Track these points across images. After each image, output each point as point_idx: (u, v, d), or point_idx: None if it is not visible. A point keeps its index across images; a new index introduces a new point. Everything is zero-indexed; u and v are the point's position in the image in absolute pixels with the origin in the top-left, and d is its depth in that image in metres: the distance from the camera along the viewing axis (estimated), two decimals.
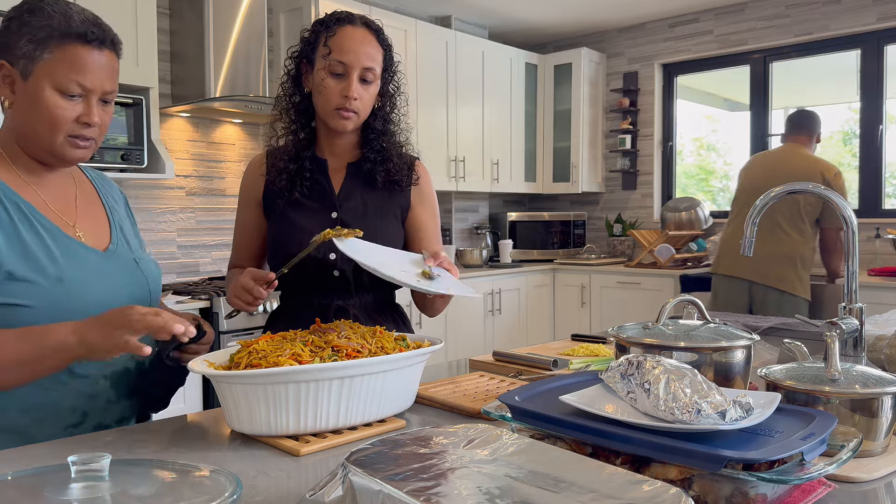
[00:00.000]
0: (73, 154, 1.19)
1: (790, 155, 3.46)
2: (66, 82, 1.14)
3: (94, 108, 1.17)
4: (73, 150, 1.18)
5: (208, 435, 1.09)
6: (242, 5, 3.53)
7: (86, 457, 0.70)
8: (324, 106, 1.50)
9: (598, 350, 1.66)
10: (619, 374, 0.90)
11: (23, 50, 1.13)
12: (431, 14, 4.98)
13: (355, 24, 1.50)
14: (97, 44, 1.17)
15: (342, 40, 1.47)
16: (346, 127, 1.51)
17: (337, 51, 1.47)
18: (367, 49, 1.49)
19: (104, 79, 1.17)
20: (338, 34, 1.48)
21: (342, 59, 1.46)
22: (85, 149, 1.19)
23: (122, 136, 3.05)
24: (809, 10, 4.51)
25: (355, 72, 1.47)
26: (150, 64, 3.15)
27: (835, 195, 1.27)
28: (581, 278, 4.90)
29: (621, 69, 5.40)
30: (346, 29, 1.49)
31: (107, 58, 1.18)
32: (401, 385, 1.13)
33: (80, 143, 1.18)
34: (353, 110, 1.49)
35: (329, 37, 1.48)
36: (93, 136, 1.19)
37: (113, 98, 1.21)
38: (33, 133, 1.16)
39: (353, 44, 1.47)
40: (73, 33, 1.14)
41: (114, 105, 1.24)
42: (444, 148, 4.65)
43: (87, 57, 1.15)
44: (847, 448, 0.81)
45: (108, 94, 1.19)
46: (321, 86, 1.48)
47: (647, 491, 0.63)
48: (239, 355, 1.08)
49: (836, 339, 1.03)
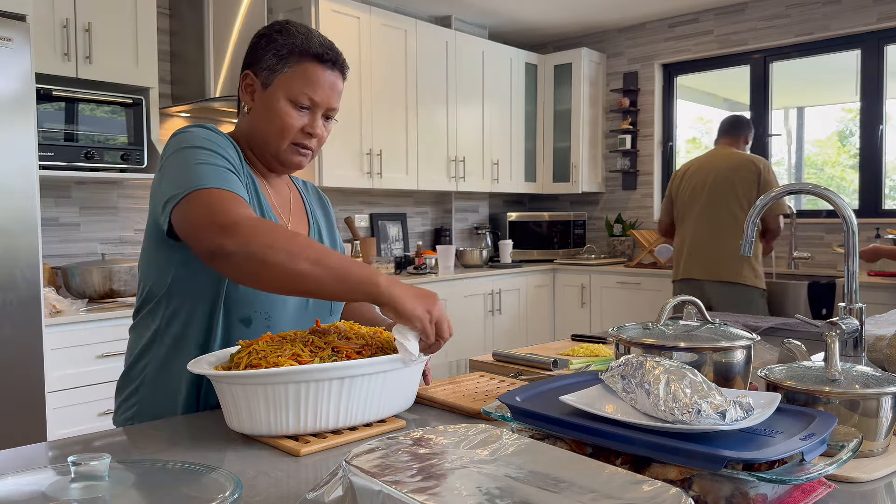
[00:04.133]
0: (294, 160, 1.34)
1: (723, 154, 3.64)
2: (298, 94, 1.29)
3: (318, 121, 1.32)
4: (294, 157, 1.33)
5: (208, 435, 1.09)
6: (242, 5, 3.53)
7: (86, 457, 0.70)
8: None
9: (598, 350, 1.66)
10: (620, 374, 0.90)
11: (267, 63, 1.30)
12: (431, 14, 4.98)
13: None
14: (330, 65, 1.32)
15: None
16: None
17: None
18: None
19: (331, 96, 1.32)
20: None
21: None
22: (304, 156, 1.35)
23: (122, 136, 3.06)
24: (809, 10, 4.51)
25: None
26: (150, 64, 3.16)
27: (832, 194, 1.26)
28: (581, 278, 4.90)
29: (621, 69, 5.40)
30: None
31: (335, 78, 1.33)
32: (401, 385, 1.13)
33: (301, 151, 1.33)
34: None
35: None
36: (312, 146, 1.34)
37: (334, 115, 1.36)
38: (264, 137, 1.32)
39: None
40: (311, 52, 1.30)
41: (332, 122, 1.38)
42: (444, 148, 4.65)
43: (319, 74, 1.31)
44: (847, 448, 0.81)
45: (331, 110, 1.34)
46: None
47: (647, 491, 0.63)
48: (239, 355, 1.08)
49: (836, 339, 1.03)
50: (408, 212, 4.96)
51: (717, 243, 3.51)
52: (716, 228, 3.53)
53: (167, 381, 1.29)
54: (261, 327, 1.29)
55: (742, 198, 3.47)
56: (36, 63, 2.72)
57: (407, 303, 1.10)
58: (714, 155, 3.68)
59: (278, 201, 1.40)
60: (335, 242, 1.53)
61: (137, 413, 1.31)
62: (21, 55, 2.43)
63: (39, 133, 2.76)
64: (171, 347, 1.28)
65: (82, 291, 2.95)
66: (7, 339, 2.41)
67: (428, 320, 1.11)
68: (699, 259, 3.56)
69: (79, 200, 3.30)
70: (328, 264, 1.08)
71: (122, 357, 2.80)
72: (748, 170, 3.48)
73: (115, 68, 3.05)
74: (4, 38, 2.40)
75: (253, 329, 1.28)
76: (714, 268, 3.50)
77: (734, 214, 3.48)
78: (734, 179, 3.49)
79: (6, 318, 2.41)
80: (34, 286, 2.48)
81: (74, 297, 2.95)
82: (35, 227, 2.48)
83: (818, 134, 4.76)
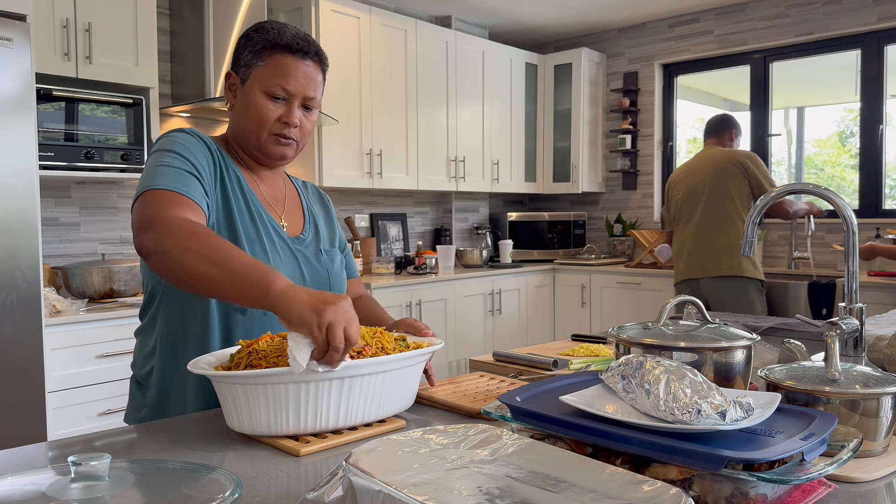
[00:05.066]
0: (276, 150, 1.36)
1: (709, 154, 3.69)
2: (272, 86, 1.32)
3: (295, 110, 1.34)
4: (276, 147, 1.36)
5: (208, 435, 1.09)
6: (242, 5, 3.53)
7: (86, 457, 0.70)
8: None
9: (598, 350, 1.66)
10: (620, 374, 0.90)
11: (244, 60, 1.35)
12: (431, 14, 4.98)
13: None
14: (301, 54, 1.33)
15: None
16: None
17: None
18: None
19: (305, 85, 1.34)
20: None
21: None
22: (286, 146, 1.36)
23: (122, 136, 3.06)
24: (809, 10, 4.51)
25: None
26: (150, 64, 3.16)
27: (832, 194, 1.26)
28: (581, 278, 4.90)
29: (621, 69, 5.40)
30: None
31: (310, 68, 1.35)
32: (401, 385, 1.13)
33: (281, 141, 1.35)
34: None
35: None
36: (294, 136, 1.36)
37: (314, 105, 1.37)
38: (245, 131, 1.36)
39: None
40: (282, 45, 1.32)
41: (317, 113, 1.40)
42: (444, 148, 4.65)
43: (291, 65, 1.33)
44: (847, 448, 0.81)
45: (309, 100, 1.36)
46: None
47: (647, 491, 0.63)
48: (239, 355, 1.08)
49: (836, 339, 1.03)
50: (408, 212, 4.96)
51: (712, 240, 3.55)
52: (710, 227, 3.57)
53: (174, 382, 1.31)
54: (256, 317, 1.31)
55: (733, 193, 3.52)
56: (36, 63, 2.72)
57: (293, 309, 1.01)
58: (701, 156, 3.75)
59: (271, 195, 1.43)
60: (334, 239, 1.53)
61: (147, 416, 1.34)
62: (21, 55, 2.44)
63: (39, 133, 2.76)
64: (174, 346, 1.30)
65: (82, 291, 2.95)
66: (7, 339, 2.41)
67: (315, 325, 0.99)
68: (696, 260, 3.60)
69: (79, 200, 3.30)
70: (227, 266, 1.07)
71: (121, 357, 2.81)
72: (733, 164, 3.55)
73: (115, 68, 3.05)
74: (4, 38, 2.40)
75: (248, 318, 1.31)
76: (711, 264, 3.53)
77: (726, 211, 3.53)
78: (722, 176, 3.56)
79: (6, 318, 2.41)
80: (34, 286, 2.48)
81: (74, 297, 2.95)
82: (35, 227, 2.48)
83: (818, 134, 4.76)
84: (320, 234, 1.49)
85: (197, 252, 1.09)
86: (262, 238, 1.34)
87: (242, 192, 1.36)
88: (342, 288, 1.47)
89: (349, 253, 1.60)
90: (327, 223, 1.54)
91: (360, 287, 1.61)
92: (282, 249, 1.36)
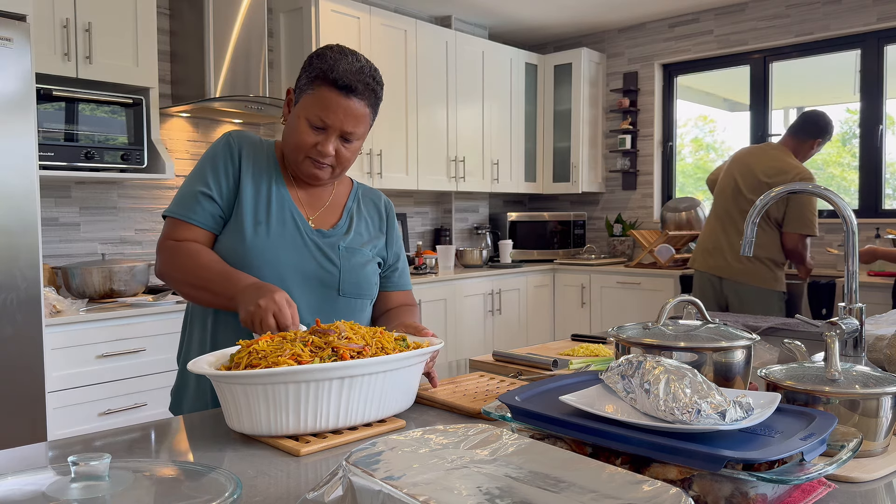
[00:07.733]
0: (311, 172, 1.43)
1: (773, 155, 3.31)
2: (312, 116, 1.38)
3: (330, 142, 1.39)
4: (311, 169, 1.43)
5: (208, 435, 1.09)
6: (242, 5, 3.53)
7: (86, 457, 0.70)
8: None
9: (598, 350, 1.66)
10: (619, 374, 0.90)
11: (301, 83, 1.41)
12: (431, 14, 4.98)
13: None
14: (345, 91, 1.36)
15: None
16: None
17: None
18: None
19: (344, 121, 1.38)
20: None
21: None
22: (320, 170, 1.43)
23: (122, 137, 3.06)
24: (809, 10, 4.51)
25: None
26: (150, 64, 3.16)
27: (832, 194, 1.26)
28: (581, 278, 4.90)
29: (621, 69, 5.40)
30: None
31: (353, 104, 1.38)
32: (401, 385, 1.13)
33: (316, 164, 1.42)
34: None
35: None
36: (329, 163, 1.42)
37: (354, 138, 1.42)
38: (287, 147, 1.45)
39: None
40: (329, 78, 1.36)
41: (359, 143, 1.44)
42: (444, 148, 4.65)
43: (334, 100, 1.37)
44: (847, 448, 0.81)
45: (347, 133, 1.40)
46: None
47: (647, 491, 0.63)
48: (239, 355, 1.08)
49: (836, 339, 1.03)
50: (408, 212, 4.96)
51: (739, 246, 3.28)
52: (740, 231, 3.28)
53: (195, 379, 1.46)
54: None
55: (772, 211, 3.21)
56: (36, 63, 2.72)
57: (241, 304, 1.24)
58: (763, 152, 3.36)
59: (306, 198, 1.50)
60: (379, 246, 1.55)
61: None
62: (21, 55, 2.44)
63: (39, 133, 2.76)
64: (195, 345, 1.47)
65: (82, 291, 2.95)
66: (7, 339, 2.41)
67: (250, 313, 1.21)
68: (720, 257, 3.39)
69: (79, 200, 3.30)
70: (205, 287, 1.34)
71: (122, 357, 2.81)
72: (784, 182, 3.12)
73: (115, 68, 3.04)
74: (4, 38, 2.40)
75: None
76: (734, 268, 3.33)
77: (766, 226, 3.25)
78: (771, 186, 3.16)
79: (6, 318, 2.41)
80: (34, 286, 2.48)
81: (74, 297, 2.95)
82: (35, 227, 2.48)
83: None
84: (352, 233, 1.51)
85: (182, 280, 1.36)
86: (272, 221, 1.42)
87: (268, 194, 1.45)
88: (359, 285, 1.47)
89: (404, 268, 1.62)
90: (375, 230, 1.56)
91: (406, 298, 1.61)
92: (292, 236, 1.43)
